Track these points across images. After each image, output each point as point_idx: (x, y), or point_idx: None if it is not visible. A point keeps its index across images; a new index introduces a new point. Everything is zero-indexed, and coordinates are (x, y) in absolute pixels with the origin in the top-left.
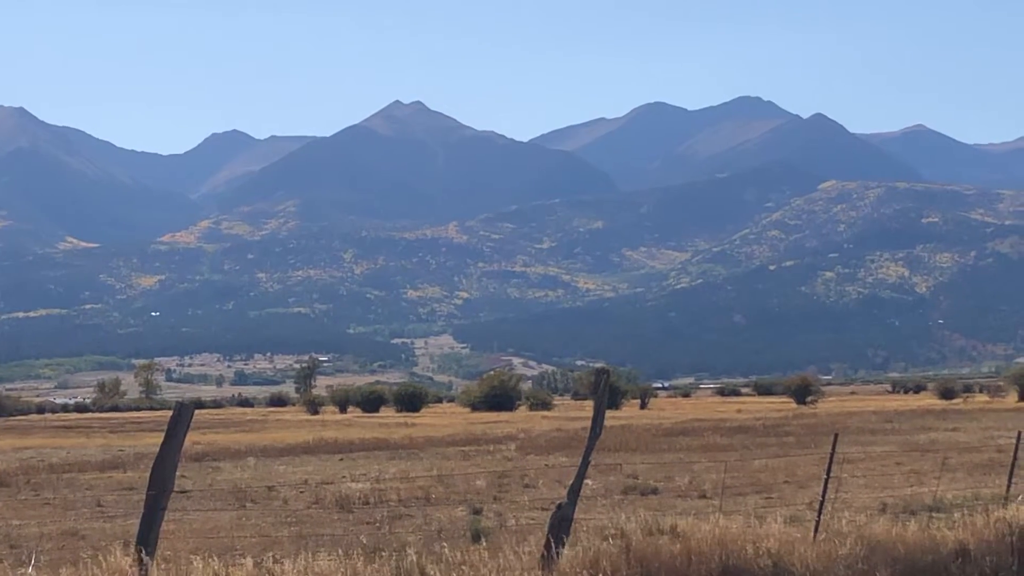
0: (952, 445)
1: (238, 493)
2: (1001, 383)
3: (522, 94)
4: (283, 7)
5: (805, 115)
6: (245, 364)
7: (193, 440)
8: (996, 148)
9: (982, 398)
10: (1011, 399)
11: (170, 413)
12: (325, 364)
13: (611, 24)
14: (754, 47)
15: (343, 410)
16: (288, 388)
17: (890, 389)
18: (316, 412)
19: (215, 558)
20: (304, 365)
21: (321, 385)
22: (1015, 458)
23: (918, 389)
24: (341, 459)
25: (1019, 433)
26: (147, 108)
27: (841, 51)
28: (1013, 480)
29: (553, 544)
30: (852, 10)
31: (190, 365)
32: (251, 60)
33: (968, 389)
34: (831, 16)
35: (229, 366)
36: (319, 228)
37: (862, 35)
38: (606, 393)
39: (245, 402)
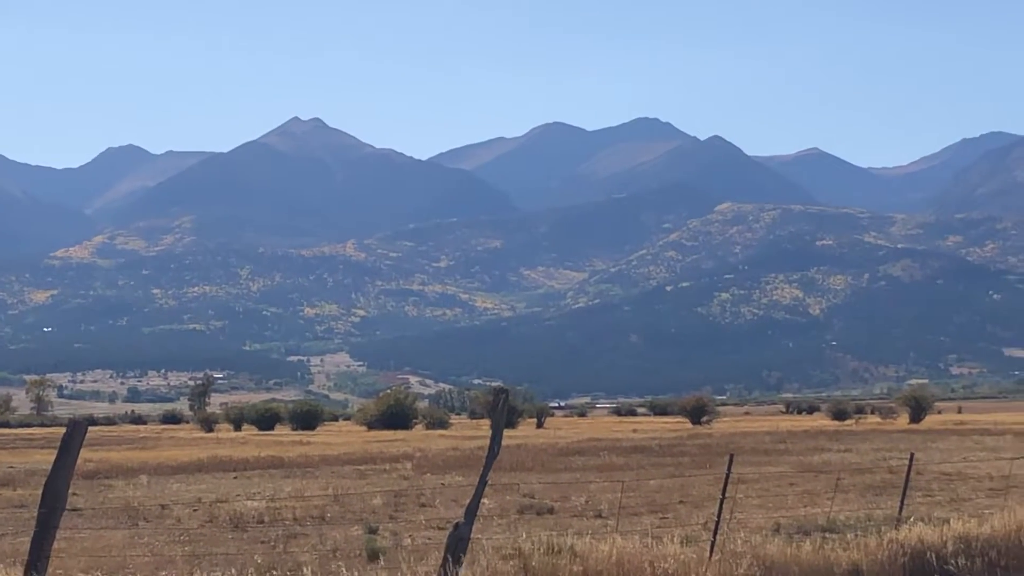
0: (845, 466)
1: (131, 511)
2: (893, 405)
3: (421, 112)
4: (181, 22)
5: (702, 137)
6: (139, 381)
7: (85, 457)
8: (889, 172)
9: (874, 419)
10: (902, 421)
11: (62, 430)
12: (220, 381)
13: (511, 44)
14: (652, 69)
15: (238, 428)
16: (182, 405)
17: (784, 410)
18: (210, 430)
19: None
20: (199, 382)
21: (216, 402)
22: (907, 480)
23: (811, 410)
24: (235, 477)
25: (911, 455)
26: (41, 121)
27: (738, 74)
28: (905, 502)
29: (450, 563)
30: (749, 34)
31: (82, 381)
32: (148, 75)
33: (860, 411)
34: (729, 39)
35: (122, 383)
36: (215, 244)
37: (759, 58)
38: (504, 413)
39: (138, 419)
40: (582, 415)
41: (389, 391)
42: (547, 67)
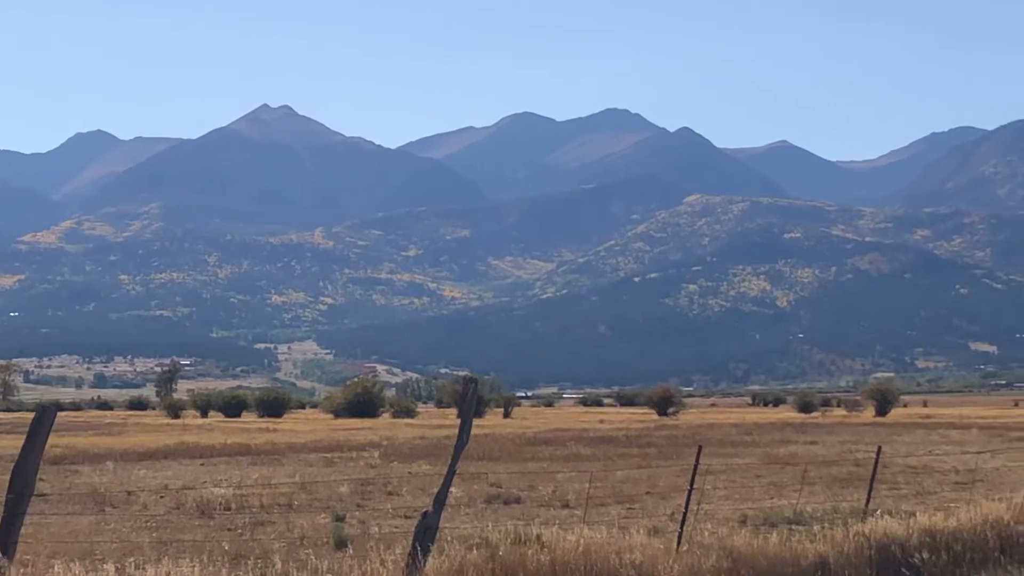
0: (811, 458)
1: (97, 497)
2: (859, 398)
3: (391, 101)
4: (151, 8)
5: (672, 129)
6: (105, 367)
7: (51, 443)
8: (858, 166)
9: (840, 412)
10: (868, 413)
11: (28, 415)
12: (187, 368)
13: (481, 33)
14: (623, 60)
15: (204, 415)
16: (149, 392)
17: (750, 402)
18: (177, 416)
19: (75, 563)
20: (165, 369)
21: (182, 389)
22: (875, 472)
23: (777, 402)
24: (202, 464)
25: (879, 448)
26: (9, 106)
27: (708, 66)
28: (871, 494)
29: (419, 552)
30: (720, 26)
31: (49, 367)
32: (117, 61)
33: (826, 403)
34: (700, 32)
35: (89, 368)
36: (183, 231)
37: (729, 51)
38: (474, 402)
39: (105, 405)
40: (549, 405)
41: (356, 379)
42: (517, 57)
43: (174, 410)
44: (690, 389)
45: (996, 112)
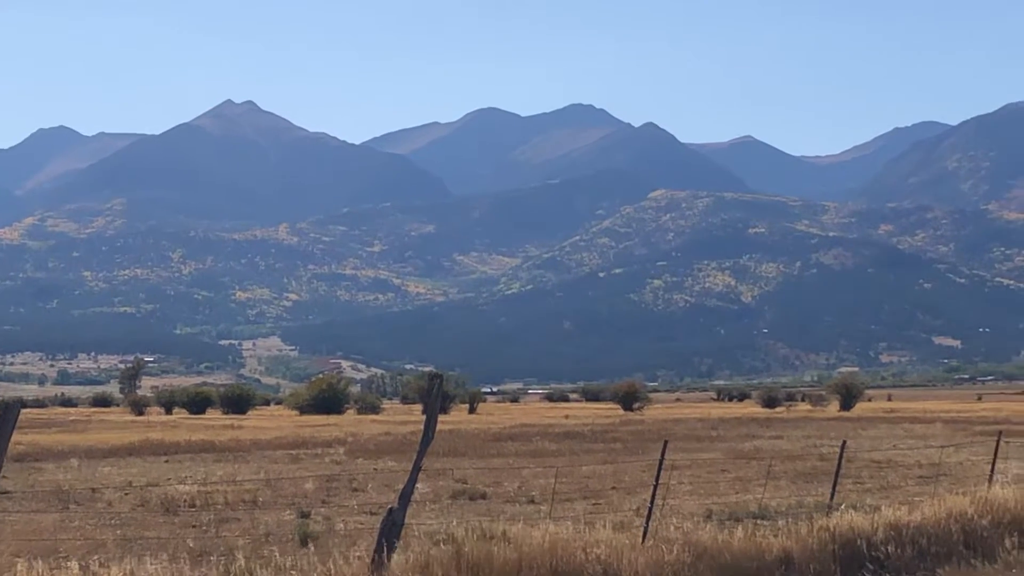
0: (776, 453)
1: (61, 495)
2: (823, 392)
3: (355, 97)
4: (114, 4)
5: (636, 124)
6: (69, 364)
7: (15, 440)
8: (822, 161)
9: (804, 407)
10: (832, 408)
11: None
12: (151, 365)
13: (445, 28)
14: (587, 55)
15: (169, 411)
16: (112, 389)
17: (715, 397)
18: (141, 413)
19: (39, 561)
20: (129, 365)
21: (146, 386)
22: (839, 467)
23: (742, 397)
24: (167, 461)
25: (843, 442)
26: None
27: (672, 61)
28: (836, 489)
29: (384, 549)
30: (685, 22)
31: (12, 364)
32: (80, 56)
33: (791, 398)
34: (663, 27)
35: (52, 365)
36: (147, 227)
37: (694, 46)
38: (439, 398)
39: (68, 402)
40: (514, 401)
41: (321, 376)
42: (482, 52)
43: (138, 407)
44: (655, 384)
45: (959, 107)
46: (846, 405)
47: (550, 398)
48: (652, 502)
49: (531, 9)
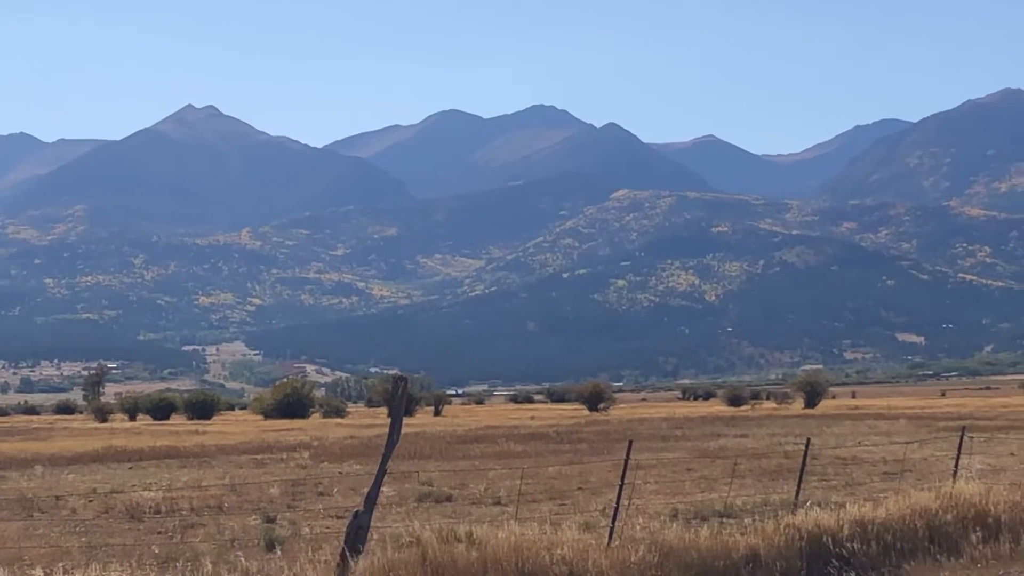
0: (741, 451)
1: (25, 503)
2: (788, 390)
3: (316, 100)
4: (74, 8)
5: (599, 124)
6: (31, 371)
7: None
8: (784, 159)
9: (769, 405)
10: (797, 406)
11: None
12: (114, 371)
13: (406, 31)
14: (549, 56)
15: (132, 418)
16: (76, 396)
17: (680, 396)
18: (105, 420)
19: (3, 569)
20: (92, 372)
21: (110, 392)
22: (804, 464)
23: (707, 396)
24: (131, 467)
25: (807, 440)
26: None
27: (634, 62)
28: (801, 486)
29: (349, 553)
30: (646, 22)
31: None
32: (40, 62)
33: (756, 396)
34: (626, 27)
35: (15, 373)
36: (109, 233)
37: (655, 46)
38: (403, 401)
39: (31, 410)
40: (480, 403)
41: (285, 380)
42: (443, 55)
43: (102, 414)
44: (620, 384)
45: (920, 105)
46: (810, 403)
47: (515, 399)
48: (618, 502)
49: (492, 11)
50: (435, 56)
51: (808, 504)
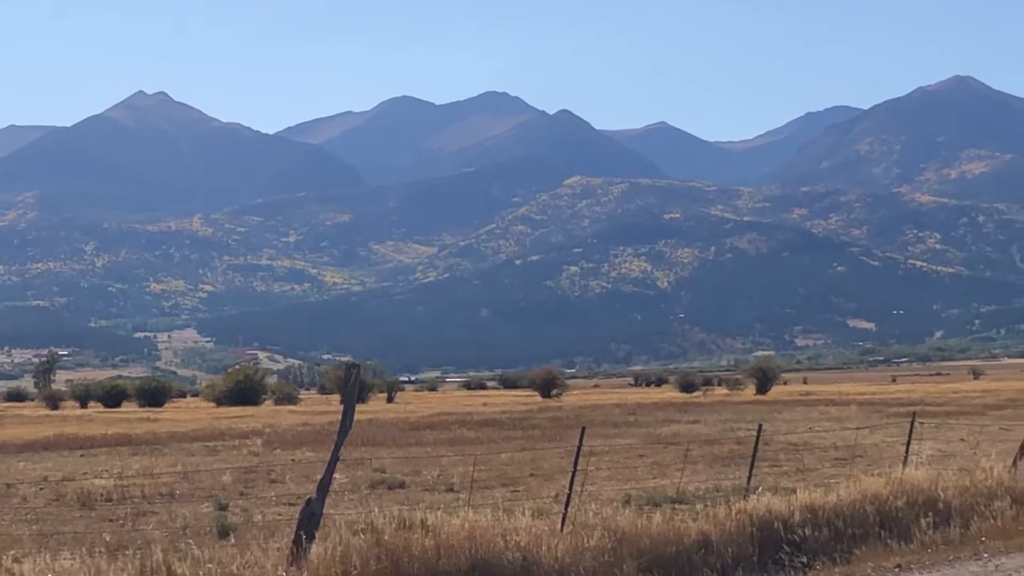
0: (693, 437)
1: None
2: (740, 376)
3: (268, 86)
4: None
5: (551, 111)
6: None
7: None
8: (735, 146)
9: (721, 391)
10: (749, 392)
11: None
12: (65, 358)
13: (357, 16)
14: (501, 42)
15: (84, 405)
16: (26, 383)
17: (632, 382)
18: (56, 407)
19: None
20: (43, 359)
21: (61, 380)
22: (756, 451)
23: (660, 382)
24: (82, 455)
25: (759, 426)
26: None
27: (586, 48)
28: (753, 472)
29: (303, 540)
30: (598, 8)
31: None
32: None
33: (708, 382)
34: (577, 14)
35: None
36: (59, 220)
37: (607, 33)
38: (356, 388)
39: None
40: (432, 389)
41: (238, 367)
42: (395, 40)
43: (53, 401)
44: (573, 371)
45: (870, 91)
46: (762, 389)
47: (468, 386)
48: (571, 488)
49: None
50: (387, 42)
51: (760, 490)
